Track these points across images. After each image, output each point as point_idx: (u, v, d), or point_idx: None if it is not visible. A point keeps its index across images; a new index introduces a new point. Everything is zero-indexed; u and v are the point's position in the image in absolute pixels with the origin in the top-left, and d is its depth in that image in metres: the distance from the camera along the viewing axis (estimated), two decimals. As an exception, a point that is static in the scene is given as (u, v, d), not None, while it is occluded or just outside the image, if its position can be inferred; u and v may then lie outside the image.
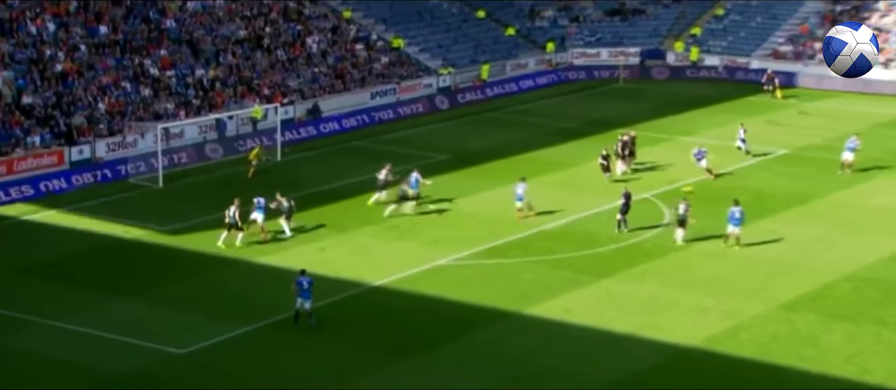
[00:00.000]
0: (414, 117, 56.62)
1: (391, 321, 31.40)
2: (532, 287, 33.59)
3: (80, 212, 40.82)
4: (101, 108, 49.07)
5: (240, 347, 29.48)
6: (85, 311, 31.46)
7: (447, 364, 28.44)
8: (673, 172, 45.89)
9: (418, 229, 38.89)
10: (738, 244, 36.29)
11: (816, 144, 50.16)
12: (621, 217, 38.00)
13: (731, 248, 36.20)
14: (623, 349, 29.55)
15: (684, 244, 36.47)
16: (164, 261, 36.07)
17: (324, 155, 49.21)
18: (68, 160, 45.81)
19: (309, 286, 30.36)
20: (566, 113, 57.46)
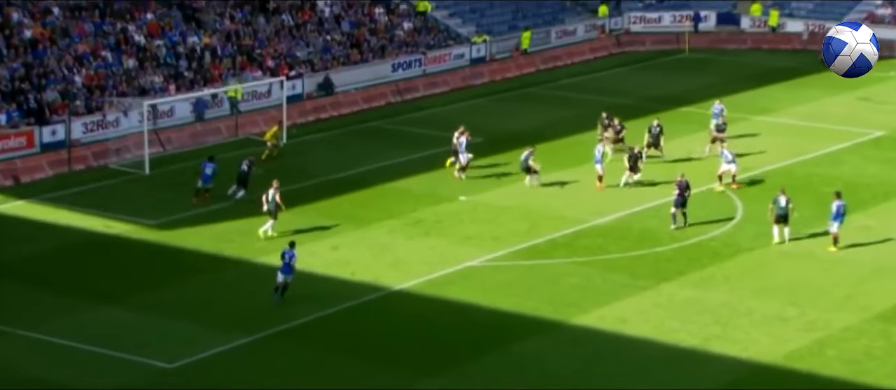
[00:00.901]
0: (443, 94, 56.65)
1: (415, 331, 31.47)
2: (579, 293, 33.56)
3: (53, 203, 41.14)
4: (78, 82, 49.39)
5: (239, 362, 29.64)
6: (60, 319, 31.71)
7: (480, 382, 28.48)
8: (749, 158, 45.66)
9: (447, 224, 38.96)
10: (836, 245, 36.10)
11: (919, 125, 49.78)
12: (676, 210, 37.77)
13: (827, 250, 35.93)
14: (688, 367, 29.46)
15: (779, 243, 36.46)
16: (153, 261, 36.30)
17: (337, 137, 49.36)
18: (39, 142, 46.15)
19: (290, 260, 32.03)
20: (621, 88, 57.32)
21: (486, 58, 61.22)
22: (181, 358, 29.53)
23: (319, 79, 54.87)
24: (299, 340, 30.72)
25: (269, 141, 45.53)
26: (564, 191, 42.07)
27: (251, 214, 38.57)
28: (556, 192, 41.84)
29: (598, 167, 42.17)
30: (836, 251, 35.99)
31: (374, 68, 57.20)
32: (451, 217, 39.63)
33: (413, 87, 56.55)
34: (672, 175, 40.58)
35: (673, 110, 52.78)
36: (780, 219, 36.39)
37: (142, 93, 49.61)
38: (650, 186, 42.00)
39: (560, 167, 44.67)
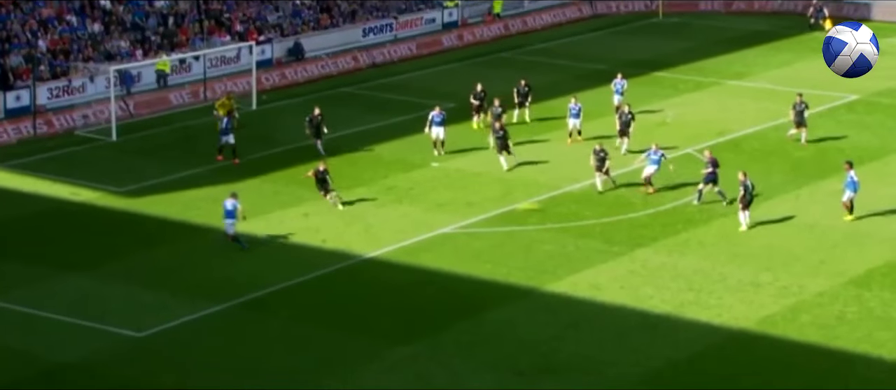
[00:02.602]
0: (414, 59, 56.37)
1: (387, 299, 31.36)
2: (553, 259, 33.53)
3: (18, 170, 40.73)
4: (42, 46, 48.81)
5: (209, 331, 29.47)
6: (25, 288, 31.42)
7: (454, 350, 28.43)
8: (722, 122, 45.71)
9: (419, 191, 38.81)
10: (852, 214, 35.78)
11: (893, 88, 49.89)
12: (705, 187, 36.64)
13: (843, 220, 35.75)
14: (662, 333, 29.51)
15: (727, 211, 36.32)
16: (120, 229, 36.01)
17: (307, 103, 48.99)
18: (3, 107, 45.65)
19: (232, 209, 33.25)
20: (594, 53, 57.22)
21: (458, 22, 60.95)
22: (150, 327, 29.33)
23: (289, 44, 54.47)
24: (269, 309, 30.56)
25: (219, 111, 44.49)
26: (538, 157, 41.95)
27: (219, 182, 38.26)
28: (530, 159, 41.71)
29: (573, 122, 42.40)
30: (852, 220, 35.75)
31: (345, 33, 56.85)
32: (424, 183, 39.47)
33: (384, 52, 56.23)
34: (648, 142, 40.49)
35: (646, 75, 52.73)
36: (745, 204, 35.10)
37: (108, 58, 49.11)
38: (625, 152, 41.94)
39: (534, 132, 44.57)
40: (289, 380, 26.99)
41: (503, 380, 27.04)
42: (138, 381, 26.91)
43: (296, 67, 53.22)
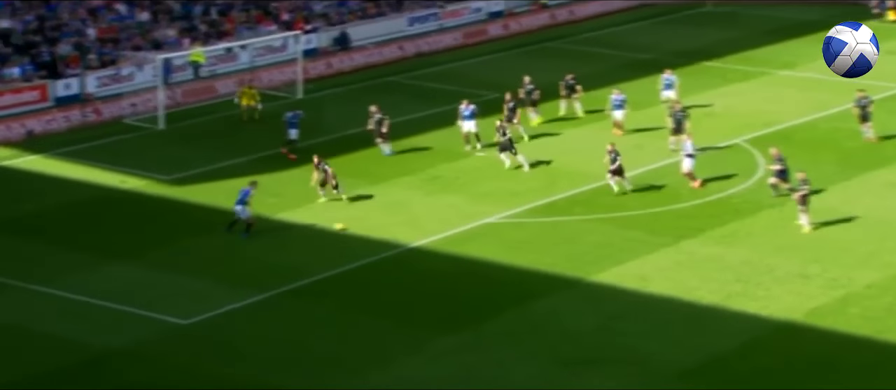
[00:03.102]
0: (460, 48, 56.29)
1: (432, 289, 31.36)
2: (599, 250, 33.38)
3: (67, 158, 41.11)
4: (92, 35, 49.23)
5: (254, 319, 29.61)
6: (73, 275, 31.71)
7: (498, 340, 28.38)
8: (770, 113, 45.31)
9: (464, 181, 38.77)
10: None
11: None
12: (777, 181, 35.99)
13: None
14: (708, 324, 29.31)
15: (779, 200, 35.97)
16: (167, 217, 36.26)
17: (353, 92, 49.14)
18: (53, 95, 46.09)
19: (244, 196, 33.46)
20: (642, 42, 56.88)
21: (503, 11, 60.78)
22: (196, 315, 29.51)
23: (335, 33, 54.57)
24: (314, 298, 30.66)
25: (241, 102, 44.51)
26: (584, 148, 41.80)
27: (264, 170, 38.43)
28: (576, 148, 41.58)
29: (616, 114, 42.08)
30: None
31: (391, 22, 56.87)
32: (469, 173, 39.43)
33: (429, 42, 56.19)
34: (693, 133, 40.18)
35: (694, 64, 52.36)
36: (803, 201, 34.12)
37: (156, 46, 49.44)
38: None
39: (579, 123, 44.41)
40: (333, 369, 27.07)
41: (547, 371, 26.97)
42: (184, 368, 27.10)
43: (341, 57, 53.31)
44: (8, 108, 44.48)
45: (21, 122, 43.75)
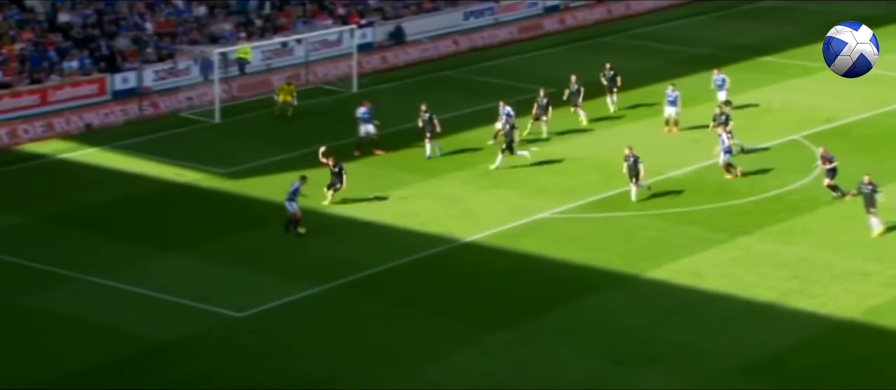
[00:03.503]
0: (515, 42, 56.13)
1: (486, 284, 31.30)
2: (654, 246, 33.15)
3: (124, 151, 41.48)
4: (149, 29, 49.63)
5: (309, 312, 29.71)
6: (129, 267, 31.99)
7: (551, 336, 28.27)
8: (829, 109, 44.76)
9: (519, 176, 38.66)
10: None
11: None
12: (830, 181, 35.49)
13: None
14: (765, 322, 29.01)
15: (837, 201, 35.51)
16: (222, 210, 36.48)
17: (407, 86, 49.15)
18: (111, 89, 46.51)
19: (293, 192, 33.32)
20: (699, 37, 56.41)
21: (560, 6, 60.51)
22: (250, 308, 29.66)
23: (390, 27, 54.61)
24: (368, 291, 30.70)
25: (280, 98, 44.59)
26: (639, 143, 41.48)
27: (319, 164, 38.54)
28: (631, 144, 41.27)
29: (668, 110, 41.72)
30: None
31: (446, 16, 56.81)
32: (523, 168, 39.29)
33: (485, 36, 56.08)
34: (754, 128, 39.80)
35: (752, 60, 51.86)
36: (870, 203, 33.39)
37: (212, 40, 49.74)
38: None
39: (636, 119, 44.13)
40: (386, 363, 27.09)
41: (601, 367, 26.82)
42: (239, 361, 27.24)
43: (396, 51, 53.36)
44: (67, 102, 44.97)
45: (79, 116, 44.21)
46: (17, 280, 31.23)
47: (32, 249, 32.98)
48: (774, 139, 41.54)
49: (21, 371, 26.71)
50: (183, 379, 26.45)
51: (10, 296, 30.28)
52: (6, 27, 46.86)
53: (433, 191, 37.28)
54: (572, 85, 43.68)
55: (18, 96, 44.21)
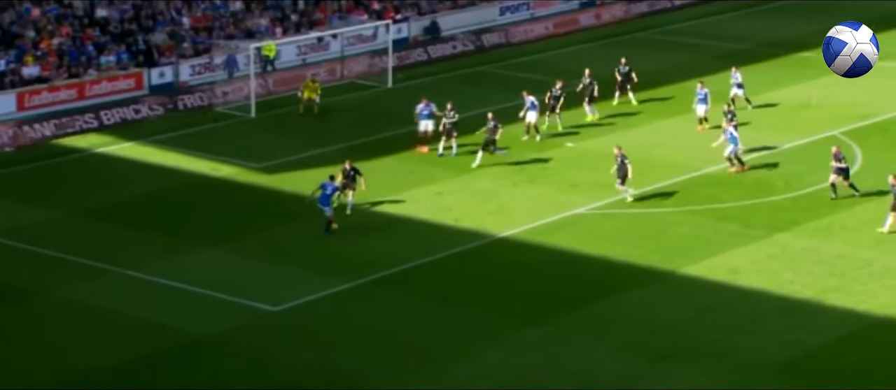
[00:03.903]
0: (550, 38, 55.97)
1: (519, 279, 31.23)
2: (689, 242, 32.97)
3: (160, 145, 41.69)
4: (186, 24, 49.84)
5: (343, 306, 29.75)
6: (166, 261, 32.15)
7: (584, 332, 28.17)
8: (868, 105, 44.35)
9: (553, 171, 38.55)
10: None
11: None
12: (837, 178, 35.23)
13: None
14: (802, 319, 28.79)
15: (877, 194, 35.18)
16: (258, 204, 36.59)
17: (442, 82, 49.09)
18: (147, 84, 46.76)
19: (332, 192, 33.01)
20: (736, 32, 56.06)
21: (595, 1, 60.29)
22: (285, 302, 29.73)
23: (425, 22, 54.58)
24: (401, 287, 30.71)
25: (305, 95, 44.46)
26: (675, 138, 41.33)
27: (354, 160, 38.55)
28: (667, 140, 41.12)
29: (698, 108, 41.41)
30: None
31: (481, 12, 56.73)
32: (558, 163, 39.19)
33: (520, 31, 55.96)
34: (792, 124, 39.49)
35: (790, 55, 51.46)
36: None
37: (248, 35, 49.90)
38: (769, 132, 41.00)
39: (670, 114, 43.91)
40: (419, 358, 27.09)
41: (635, 364, 26.70)
42: (274, 355, 27.31)
43: (431, 46, 53.32)
44: (104, 96, 45.23)
45: (116, 110, 44.46)
46: (56, 273, 31.46)
47: (70, 243, 33.21)
48: (813, 135, 41.22)
49: (60, 363, 26.90)
50: (217, 374, 26.55)
51: (50, 289, 30.50)
52: (45, 22, 47.19)
53: (467, 186, 37.23)
54: (585, 78, 43.52)
55: (56, 90, 44.53)
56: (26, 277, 31.23)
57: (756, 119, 42.86)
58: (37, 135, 42.32)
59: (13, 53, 45.07)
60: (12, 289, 30.56)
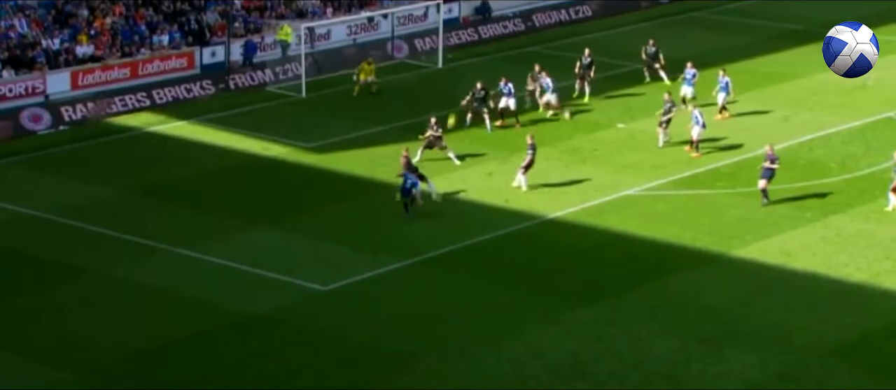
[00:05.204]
0: (604, 18, 55.68)
1: (570, 260, 31.21)
2: (742, 224, 32.77)
3: (212, 125, 41.99)
4: (237, 4, 50.09)
5: (393, 286, 29.88)
6: (217, 240, 32.43)
7: (635, 314, 28.11)
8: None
9: (603, 152, 38.44)
10: None
11: None
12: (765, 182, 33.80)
13: None
14: (856, 302, 28.55)
15: None
16: (308, 184, 36.79)
17: (492, 62, 49.02)
18: (199, 63, 47.07)
19: (411, 186, 32.80)
20: (791, 12, 55.48)
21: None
22: (334, 281, 29.90)
23: (476, 2, 54.50)
24: (451, 267, 30.78)
25: (362, 77, 44.51)
26: (727, 121, 41.04)
27: (405, 139, 38.67)
28: (719, 122, 40.83)
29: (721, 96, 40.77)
30: None
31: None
32: (609, 145, 39.06)
33: (571, 11, 55.73)
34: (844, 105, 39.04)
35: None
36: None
37: (299, 15, 50.07)
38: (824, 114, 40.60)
39: (724, 94, 43.58)
40: (469, 338, 27.15)
41: (686, 346, 26.61)
42: (323, 334, 27.49)
43: (482, 27, 53.24)
44: (156, 75, 45.62)
45: (168, 89, 44.84)
46: (107, 251, 31.83)
47: (122, 221, 33.58)
48: (868, 117, 40.78)
49: (112, 340, 27.24)
50: (267, 352, 26.77)
51: (101, 268, 30.87)
52: (98, 1, 47.63)
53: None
54: (585, 57, 43.34)
55: (110, 69, 44.96)
56: (80, 255, 31.62)
57: (810, 101, 42.44)
58: (90, 114, 42.79)
59: (67, 32, 45.56)
60: (67, 266, 30.96)
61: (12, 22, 44.97)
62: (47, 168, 38.25)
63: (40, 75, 43.43)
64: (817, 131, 39.31)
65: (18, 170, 38.17)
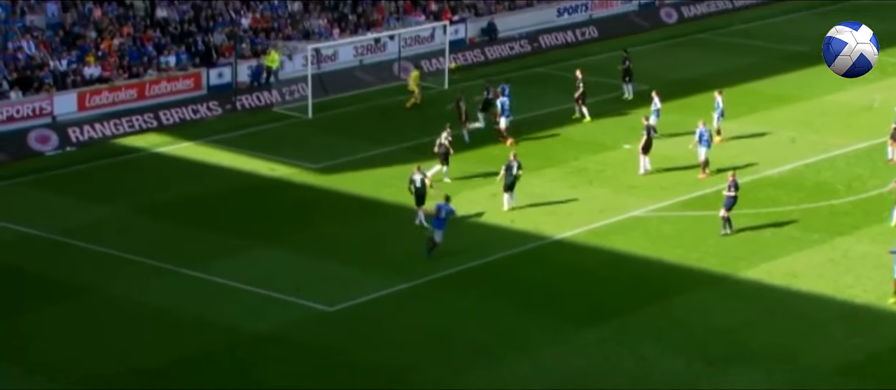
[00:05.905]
0: (608, 39, 55.81)
1: (576, 281, 31.22)
2: (748, 245, 32.77)
3: (218, 145, 42.09)
4: (244, 25, 50.28)
5: (400, 306, 29.90)
6: (222, 260, 32.48)
7: (641, 335, 28.11)
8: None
9: (610, 173, 38.48)
10: None
11: None
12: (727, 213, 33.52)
13: None
14: (862, 324, 28.54)
15: None
16: (315, 204, 36.85)
17: (499, 83, 49.09)
18: (206, 84, 47.21)
19: (446, 217, 31.73)
20: (796, 34, 55.59)
21: (654, 2, 60.05)
22: (341, 302, 29.93)
23: (483, 23, 54.67)
24: (458, 287, 30.80)
25: (414, 87, 45.10)
26: (735, 142, 41.08)
27: (410, 160, 38.73)
28: (727, 143, 40.89)
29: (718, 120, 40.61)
30: None
31: (539, 13, 56.69)
32: (615, 166, 39.11)
33: (577, 33, 55.86)
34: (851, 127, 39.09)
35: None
36: None
37: (306, 36, 50.23)
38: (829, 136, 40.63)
39: (730, 117, 43.60)
40: (476, 357, 27.17)
41: (692, 367, 26.61)
42: (330, 354, 27.51)
43: (488, 48, 53.39)
44: (163, 96, 45.76)
45: (176, 110, 44.97)
46: (115, 271, 31.89)
47: (129, 241, 33.65)
48: (874, 138, 40.80)
49: (118, 360, 27.28)
50: (272, 372, 26.78)
51: (109, 287, 30.93)
52: (106, 22, 47.82)
53: (524, 187, 37.21)
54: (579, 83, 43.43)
55: (117, 90, 45.11)
56: (86, 275, 31.68)
57: (817, 122, 42.52)
58: (97, 135, 42.92)
59: (75, 53, 45.74)
60: (73, 286, 31.02)
61: (20, 43, 45.17)
62: (54, 188, 38.37)
63: (48, 96, 43.59)
64: (824, 153, 39.36)
65: (25, 190, 38.29)
